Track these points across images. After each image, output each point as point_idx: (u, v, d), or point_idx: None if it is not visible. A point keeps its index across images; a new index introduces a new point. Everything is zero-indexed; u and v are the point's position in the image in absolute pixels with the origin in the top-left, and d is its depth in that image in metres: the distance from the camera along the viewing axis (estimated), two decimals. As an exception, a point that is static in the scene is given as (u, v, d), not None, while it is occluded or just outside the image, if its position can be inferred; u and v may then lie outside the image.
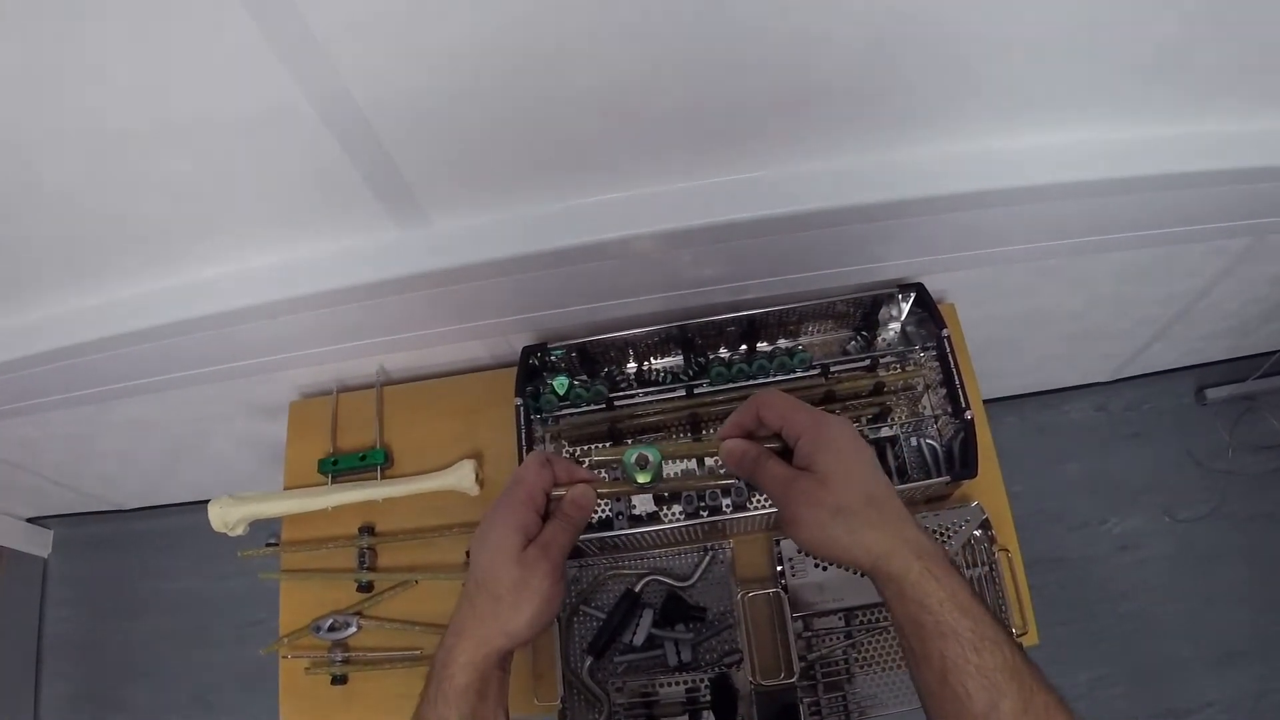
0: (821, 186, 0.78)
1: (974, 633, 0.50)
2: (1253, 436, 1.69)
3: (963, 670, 0.49)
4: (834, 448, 0.56)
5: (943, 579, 0.52)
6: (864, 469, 0.56)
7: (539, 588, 0.58)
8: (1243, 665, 1.55)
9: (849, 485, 0.55)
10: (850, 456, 0.56)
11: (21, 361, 0.92)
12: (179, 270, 0.86)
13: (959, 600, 0.51)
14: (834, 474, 0.55)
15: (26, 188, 0.71)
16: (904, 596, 0.52)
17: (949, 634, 0.50)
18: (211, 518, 1.03)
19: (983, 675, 0.49)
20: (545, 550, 0.59)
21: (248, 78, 0.60)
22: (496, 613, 0.58)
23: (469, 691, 0.56)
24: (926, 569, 0.52)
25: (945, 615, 0.50)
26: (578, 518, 0.62)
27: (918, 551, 0.53)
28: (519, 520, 0.59)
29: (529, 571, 0.58)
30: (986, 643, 0.50)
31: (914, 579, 0.52)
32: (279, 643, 1.02)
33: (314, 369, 1.12)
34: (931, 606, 0.51)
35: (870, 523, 0.54)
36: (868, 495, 0.55)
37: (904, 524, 0.54)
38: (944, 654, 0.50)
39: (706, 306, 0.96)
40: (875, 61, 0.67)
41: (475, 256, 0.81)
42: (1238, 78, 0.74)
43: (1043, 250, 0.98)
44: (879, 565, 0.53)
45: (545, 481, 0.62)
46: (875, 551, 0.53)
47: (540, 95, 0.66)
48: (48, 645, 1.96)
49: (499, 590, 0.58)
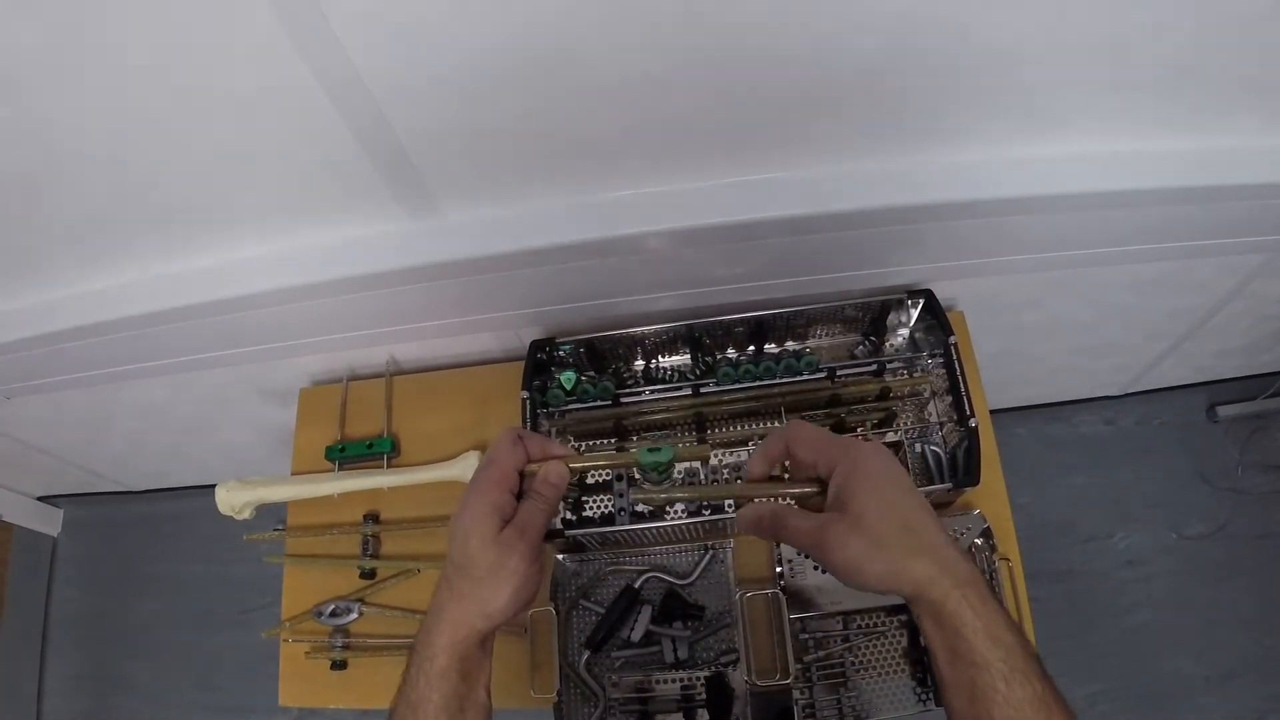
0: (833, 190, 0.78)
1: (1005, 663, 0.50)
2: (1262, 455, 1.68)
3: (990, 700, 0.49)
4: (866, 476, 0.55)
5: (979, 608, 0.51)
6: (899, 494, 0.55)
7: (516, 569, 0.58)
8: (1245, 685, 1.54)
9: (884, 518, 0.53)
10: (885, 484, 0.55)
11: (38, 339, 0.93)
12: (193, 255, 0.87)
13: (993, 630, 0.51)
14: (868, 510, 0.54)
15: (47, 169, 0.72)
16: (940, 623, 0.52)
17: (980, 663, 0.50)
18: (219, 501, 1.04)
19: (1009, 705, 0.49)
20: (521, 531, 0.59)
21: (263, 65, 0.61)
22: (475, 595, 0.58)
23: (450, 672, 0.57)
24: (964, 598, 0.51)
25: (978, 644, 0.50)
26: (551, 495, 0.62)
27: (955, 579, 0.52)
28: (493, 501, 0.59)
29: (506, 553, 0.58)
30: (1017, 674, 0.49)
31: (951, 607, 0.51)
32: (281, 626, 1.03)
33: (325, 356, 1.13)
34: (965, 635, 0.51)
35: (909, 552, 0.53)
36: (905, 523, 0.54)
37: (943, 549, 0.53)
38: (974, 682, 0.50)
39: (716, 306, 0.97)
40: (891, 67, 0.67)
41: (486, 249, 0.81)
42: (1255, 93, 0.74)
43: (1054, 260, 0.97)
44: (918, 593, 0.53)
45: (518, 460, 0.62)
46: (915, 580, 0.52)
47: (556, 89, 0.67)
48: (54, 623, 1.99)
49: (476, 573, 0.58)
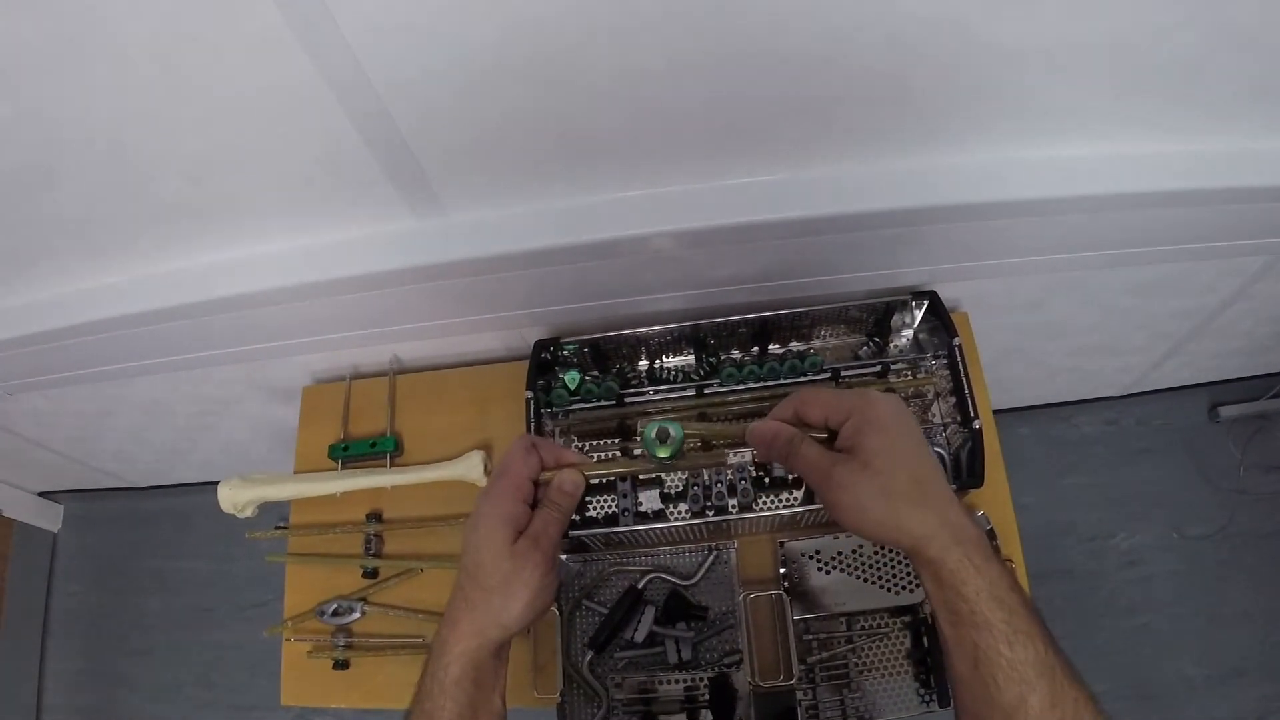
0: (837, 192, 0.78)
1: (1007, 625, 0.49)
2: (1264, 456, 1.68)
3: (993, 662, 0.49)
4: (880, 426, 0.54)
5: (981, 567, 0.51)
6: (911, 446, 0.55)
7: (530, 579, 0.58)
8: (1247, 685, 1.54)
9: (894, 466, 0.53)
10: (897, 435, 0.54)
11: (41, 336, 0.93)
12: (198, 252, 0.87)
13: (995, 591, 0.50)
14: (878, 455, 0.53)
15: (49, 165, 0.72)
16: (940, 582, 0.51)
17: (982, 624, 0.49)
18: (221, 499, 1.04)
19: (1013, 669, 0.48)
20: (536, 541, 0.59)
21: (268, 62, 0.61)
22: (489, 605, 0.58)
23: (464, 681, 0.57)
24: (965, 556, 0.51)
25: (980, 605, 0.50)
26: (566, 504, 0.62)
27: (958, 537, 0.51)
28: (507, 512, 0.59)
29: (520, 564, 0.58)
30: (1020, 635, 0.49)
31: (952, 566, 0.51)
32: (283, 625, 1.03)
33: (329, 355, 1.13)
34: (967, 595, 0.50)
35: (913, 502, 0.52)
36: (913, 475, 0.53)
37: (948, 506, 0.53)
38: (976, 643, 0.49)
39: (720, 307, 0.96)
40: (896, 69, 0.67)
41: (490, 249, 0.81)
42: (1258, 95, 0.73)
43: (1058, 262, 0.97)
44: (918, 547, 0.52)
45: (531, 469, 0.62)
46: (916, 534, 0.52)
47: (561, 90, 0.67)
48: (55, 619, 1.99)
49: (490, 583, 0.58)
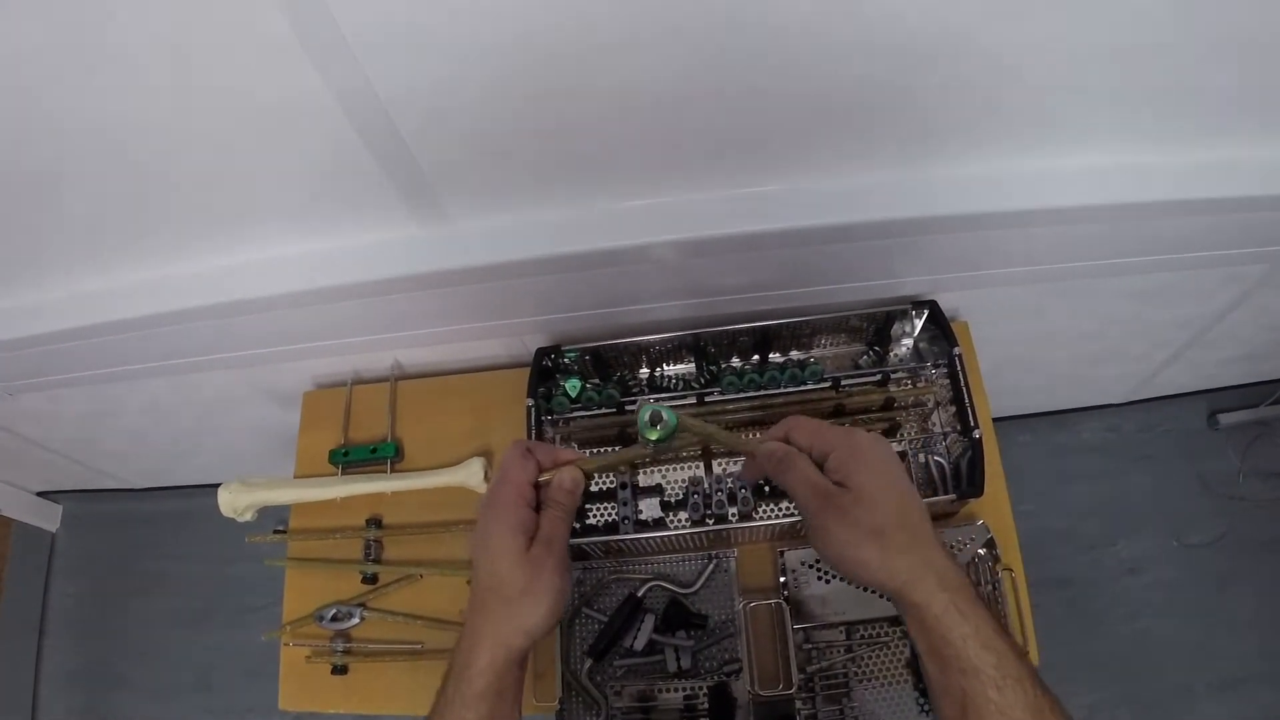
0: (838, 202, 0.78)
1: (996, 669, 0.49)
2: (1264, 463, 1.68)
3: (982, 708, 0.48)
4: (867, 463, 0.55)
5: (968, 614, 0.51)
6: (898, 486, 0.55)
7: (550, 583, 0.58)
8: (1246, 692, 1.54)
9: (884, 505, 0.53)
10: (884, 474, 0.55)
11: (43, 338, 0.93)
12: (201, 257, 0.87)
13: (982, 636, 0.50)
14: (868, 491, 0.53)
15: (56, 169, 0.72)
16: (926, 627, 0.51)
17: (969, 670, 0.49)
18: (221, 502, 1.04)
19: (1002, 713, 0.48)
20: (549, 546, 0.59)
21: (276, 72, 0.61)
22: (511, 614, 0.57)
23: (488, 693, 0.56)
24: (951, 602, 0.51)
25: (967, 651, 0.50)
26: (568, 502, 0.62)
27: (943, 583, 0.52)
28: (515, 520, 0.59)
29: (538, 570, 0.58)
30: (1009, 680, 0.49)
31: (937, 612, 0.51)
32: (282, 629, 1.03)
33: (330, 360, 1.13)
34: (954, 641, 0.50)
35: (900, 547, 0.53)
36: (901, 517, 0.53)
37: (932, 550, 0.53)
38: (964, 689, 0.49)
39: (721, 315, 0.96)
40: (896, 80, 0.67)
41: (493, 257, 0.81)
42: (1256, 105, 0.74)
43: (1057, 272, 0.97)
44: (903, 591, 0.52)
45: (530, 473, 0.62)
46: (901, 578, 0.52)
47: (565, 99, 0.67)
48: (51, 619, 1.98)
49: (510, 593, 0.57)
